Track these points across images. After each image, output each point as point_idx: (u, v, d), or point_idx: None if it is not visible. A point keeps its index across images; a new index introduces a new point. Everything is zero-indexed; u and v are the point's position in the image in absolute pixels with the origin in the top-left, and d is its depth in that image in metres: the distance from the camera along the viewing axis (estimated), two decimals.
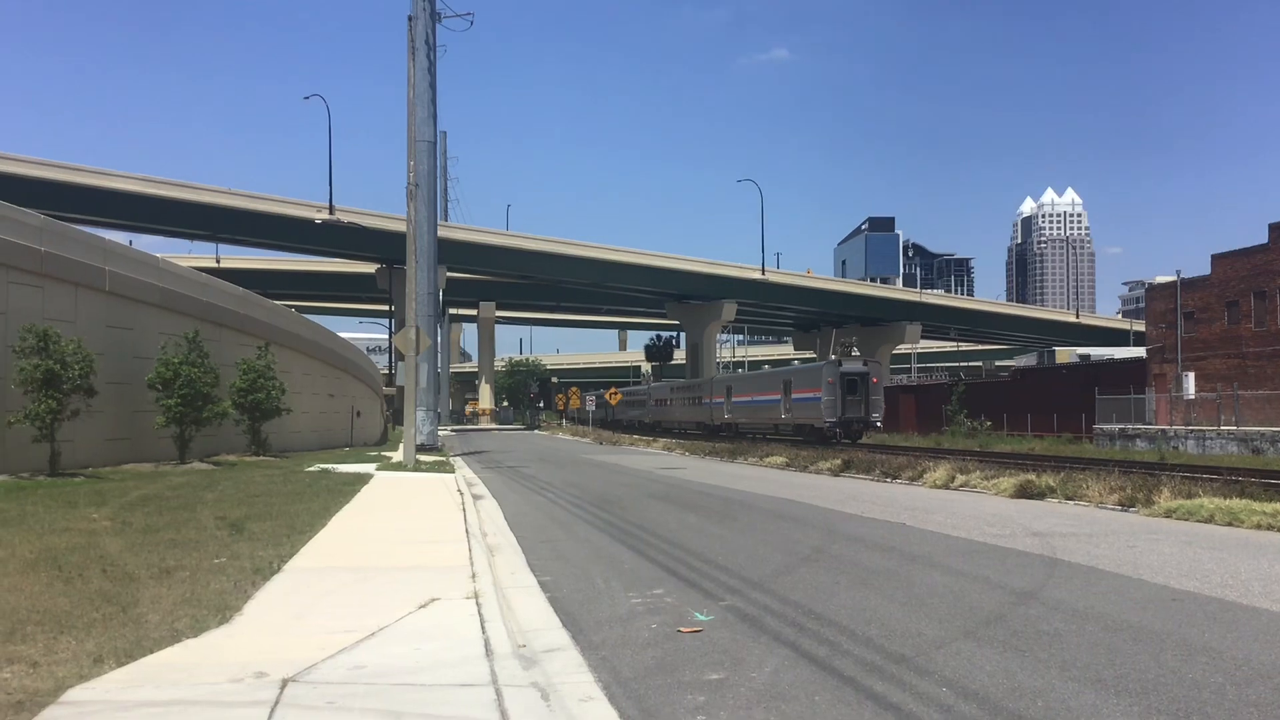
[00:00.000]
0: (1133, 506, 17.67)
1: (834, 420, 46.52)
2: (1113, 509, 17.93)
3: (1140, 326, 79.37)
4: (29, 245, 23.29)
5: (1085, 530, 14.88)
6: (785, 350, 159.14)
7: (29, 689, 5.76)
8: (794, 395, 51.04)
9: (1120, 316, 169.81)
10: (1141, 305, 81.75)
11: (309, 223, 77.02)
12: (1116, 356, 69.53)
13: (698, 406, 68.02)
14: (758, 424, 56.90)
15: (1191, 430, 41.93)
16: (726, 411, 61.48)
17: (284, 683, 6.03)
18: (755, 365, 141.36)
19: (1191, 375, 48.40)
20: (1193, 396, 46.78)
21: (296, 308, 61.81)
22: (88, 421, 23.55)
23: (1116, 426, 45.96)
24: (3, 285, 22.47)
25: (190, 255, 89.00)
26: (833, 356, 50.80)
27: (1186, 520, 15.96)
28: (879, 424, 48.83)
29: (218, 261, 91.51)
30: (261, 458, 31.19)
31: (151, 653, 6.67)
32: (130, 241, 53.85)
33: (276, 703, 5.65)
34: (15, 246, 22.79)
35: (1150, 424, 45.79)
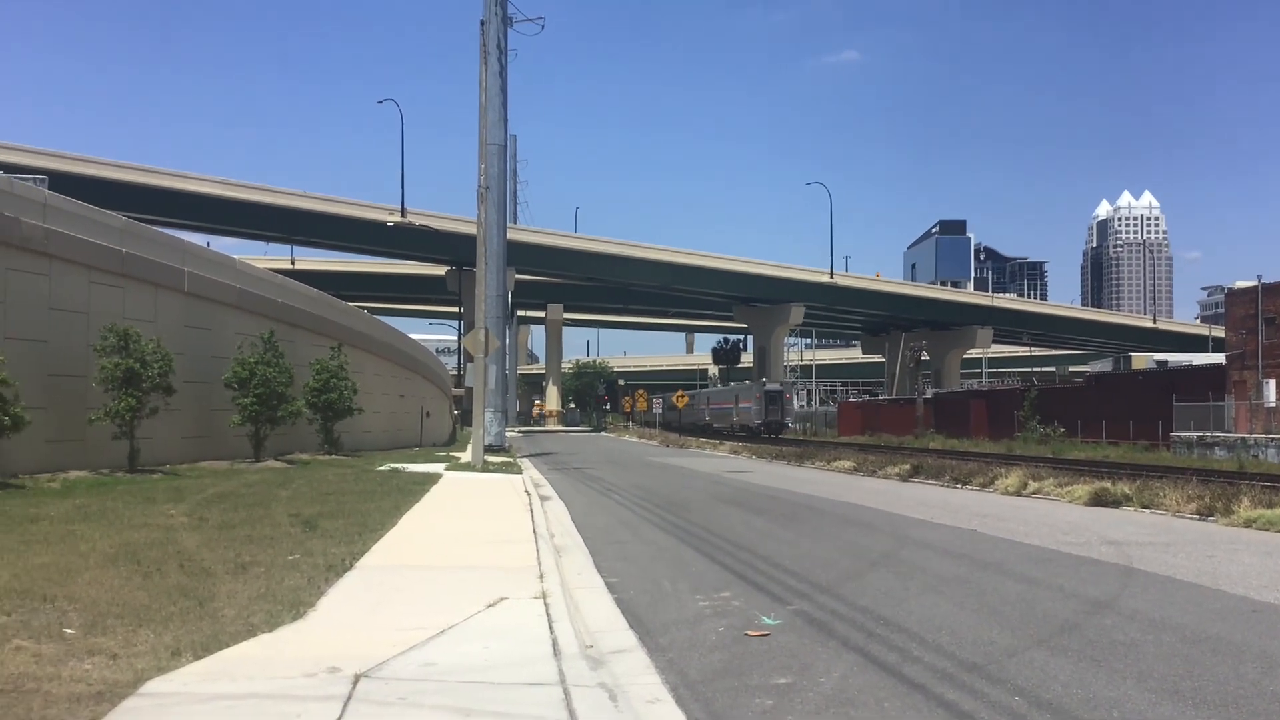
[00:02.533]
0: (1211, 516, 17.28)
1: (760, 422, 70.07)
2: (1190, 518, 17.54)
3: (1219, 332, 77.50)
4: (111, 246, 23.85)
5: (1162, 539, 14.59)
6: (853, 354, 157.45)
7: (109, 680, 5.90)
8: (740, 404, 76.11)
9: (1199, 322, 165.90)
10: (1221, 311, 79.84)
11: (381, 225, 78.15)
12: (1195, 363, 67.93)
13: (695, 410, 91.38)
14: (721, 424, 79.20)
15: (1272, 439, 40.77)
16: (706, 415, 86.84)
17: (356, 678, 6.11)
18: (822, 369, 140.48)
19: (1272, 382, 47.08)
20: (1274, 404, 45.50)
21: (368, 309, 62.76)
22: (166, 419, 24.04)
23: (1194, 434, 44.87)
24: (85, 285, 23.04)
25: (266, 256, 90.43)
26: (762, 380, 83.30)
27: (1267, 530, 15.57)
28: (790, 424, 73.49)
29: (292, 263, 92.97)
30: (334, 456, 31.62)
31: (227, 646, 6.80)
32: (208, 243, 55.10)
33: (349, 698, 5.73)
34: (98, 248, 23.35)
35: (1229, 432, 44.59)
